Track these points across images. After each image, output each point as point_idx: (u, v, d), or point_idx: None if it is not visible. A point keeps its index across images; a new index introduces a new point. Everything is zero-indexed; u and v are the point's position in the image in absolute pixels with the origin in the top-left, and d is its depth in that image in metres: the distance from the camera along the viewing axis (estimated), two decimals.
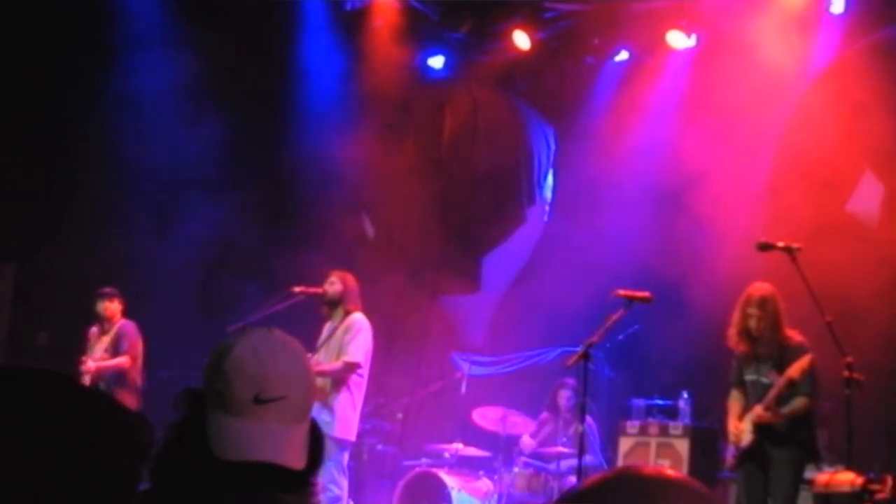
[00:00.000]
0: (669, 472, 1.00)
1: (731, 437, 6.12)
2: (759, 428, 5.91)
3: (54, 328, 10.46)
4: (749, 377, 6.10)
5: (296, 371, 1.80)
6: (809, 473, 6.50)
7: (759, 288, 6.06)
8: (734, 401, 6.20)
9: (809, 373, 5.87)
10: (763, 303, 5.97)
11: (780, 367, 5.90)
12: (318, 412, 6.27)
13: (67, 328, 9.86)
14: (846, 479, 5.62)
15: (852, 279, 7.26)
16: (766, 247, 5.97)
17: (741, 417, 6.06)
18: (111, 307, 8.37)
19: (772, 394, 5.84)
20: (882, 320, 7.37)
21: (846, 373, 5.68)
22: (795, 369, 5.73)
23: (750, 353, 6.07)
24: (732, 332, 6.11)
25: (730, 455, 6.18)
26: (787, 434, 5.92)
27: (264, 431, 1.71)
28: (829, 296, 5.95)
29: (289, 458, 1.72)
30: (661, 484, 0.95)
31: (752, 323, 5.97)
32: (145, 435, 1.01)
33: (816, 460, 6.25)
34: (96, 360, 8.17)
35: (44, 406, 0.95)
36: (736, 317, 6.08)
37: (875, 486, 5.56)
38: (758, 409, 5.89)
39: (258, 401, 1.71)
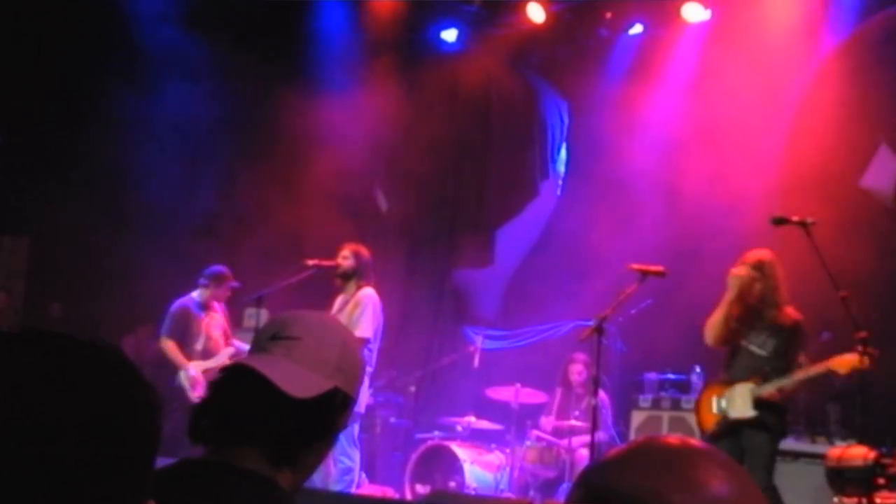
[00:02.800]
0: (694, 441, 1.00)
1: (707, 404, 5.97)
2: (759, 403, 5.74)
3: (67, 299, 10.56)
4: (742, 344, 5.90)
5: (317, 323, 1.92)
6: (821, 448, 6.49)
7: (756, 253, 5.91)
8: (729, 371, 5.98)
9: (799, 346, 5.81)
10: (761, 266, 5.83)
11: (778, 339, 5.77)
12: None
13: (79, 299, 9.94)
14: (859, 453, 5.61)
15: (869, 255, 7.22)
16: (780, 221, 5.89)
17: (726, 385, 5.90)
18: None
19: (789, 382, 5.70)
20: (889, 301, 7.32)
21: (859, 347, 5.63)
22: (843, 365, 5.54)
23: (744, 321, 5.88)
24: (729, 301, 5.87)
25: (706, 423, 6.00)
26: (769, 409, 5.78)
27: (267, 357, 1.83)
28: (845, 272, 5.89)
29: (286, 381, 1.76)
30: (687, 452, 0.94)
31: (748, 289, 5.80)
32: (154, 394, 1.02)
33: (785, 434, 6.12)
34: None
35: (65, 361, 0.96)
36: (733, 284, 5.85)
37: (887, 461, 5.54)
38: (767, 388, 5.72)
39: (274, 338, 1.85)
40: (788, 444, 6.65)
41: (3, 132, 9.91)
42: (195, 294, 8.04)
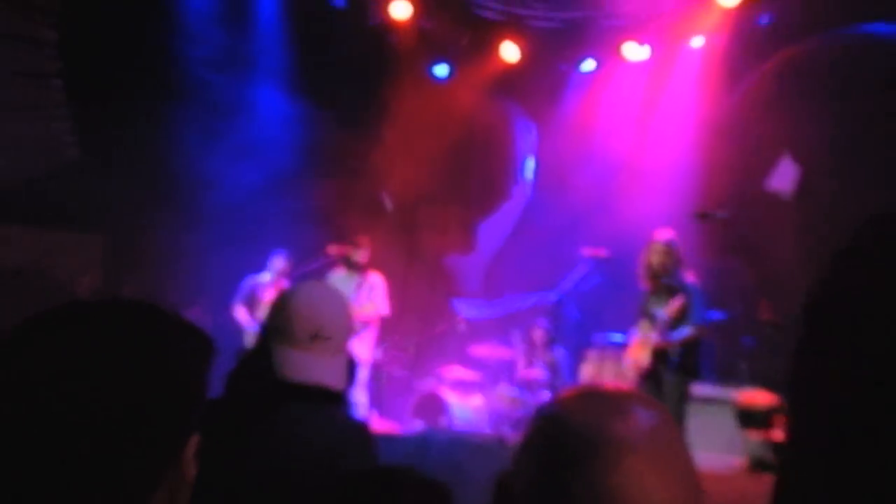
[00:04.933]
0: (625, 387, 0.99)
1: (633, 360, 5.89)
2: (656, 353, 5.72)
3: (137, 283, 10.45)
4: (651, 309, 5.84)
5: (341, 315, 1.85)
6: (730, 393, 6.44)
7: (661, 233, 5.82)
8: (641, 328, 5.93)
9: (697, 306, 5.69)
10: (664, 249, 5.73)
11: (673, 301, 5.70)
12: None
13: (147, 282, 9.83)
14: (762, 397, 5.56)
15: (774, 242, 7.18)
16: (703, 216, 5.86)
17: (646, 343, 5.85)
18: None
19: (661, 327, 5.63)
20: (797, 276, 7.28)
21: (765, 315, 5.59)
22: (671, 309, 5.53)
23: (653, 289, 5.82)
24: (641, 272, 5.86)
25: (631, 373, 5.93)
26: (676, 358, 5.69)
27: (318, 361, 1.76)
28: (753, 256, 5.85)
29: (334, 380, 1.78)
30: (619, 395, 0.94)
31: (655, 261, 5.74)
32: (209, 344, 1.01)
33: (696, 378, 6.04)
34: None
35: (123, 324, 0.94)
36: (643, 258, 5.84)
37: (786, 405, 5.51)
38: (653, 338, 5.68)
39: (315, 337, 1.77)
40: (705, 390, 6.60)
41: (78, 140, 9.71)
42: (264, 273, 8.00)
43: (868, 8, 7.62)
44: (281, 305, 1.85)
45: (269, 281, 7.94)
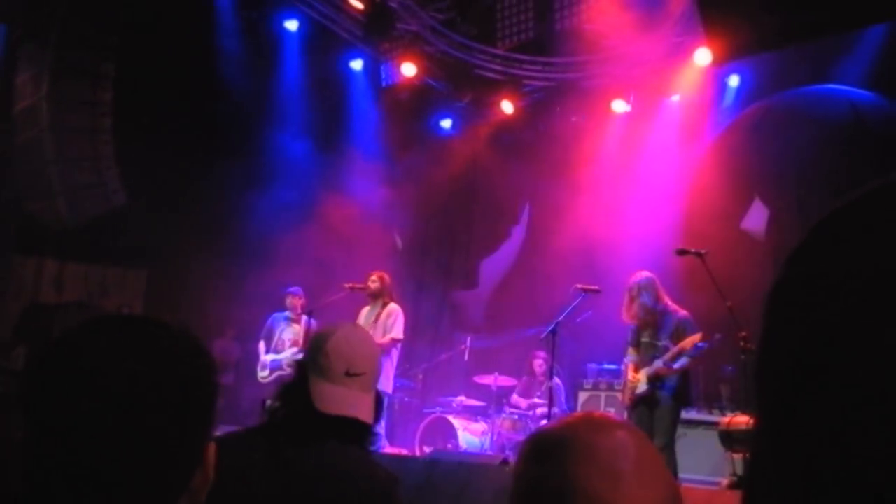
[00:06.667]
0: (613, 415, 1.00)
1: (629, 384, 5.79)
2: (653, 380, 5.64)
3: (175, 315, 10.43)
4: (644, 340, 5.74)
5: (372, 355, 1.88)
6: (716, 417, 6.37)
7: (639, 275, 5.76)
8: (631, 356, 5.86)
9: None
10: (644, 286, 5.67)
11: (668, 331, 5.61)
12: None
13: (182, 313, 9.81)
14: (743, 420, 5.51)
15: (748, 277, 7.15)
16: (682, 252, 5.81)
17: (638, 369, 5.77)
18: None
19: (668, 355, 5.53)
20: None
21: (742, 343, 5.55)
22: (688, 342, 5.45)
23: (643, 322, 5.74)
24: (626, 309, 5.76)
25: (626, 399, 5.85)
26: (672, 385, 5.61)
27: (352, 395, 1.78)
28: (730, 289, 5.81)
29: (365, 415, 1.79)
30: (606, 421, 0.94)
31: (638, 298, 5.64)
32: (212, 361, 0.99)
33: (689, 405, 5.99)
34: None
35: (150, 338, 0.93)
36: (627, 298, 5.76)
37: None
38: (656, 365, 5.58)
39: (349, 374, 1.79)
40: (691, 415, 6.53)
41: (125, 186, 9.78)
42: (285, 311, 7.96)
43: (824, 70, 7.74)
44: (319, 343, 1.85)
45: (286, 316, 7.92)
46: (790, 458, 0.46)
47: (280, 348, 7.83)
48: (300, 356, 2.38)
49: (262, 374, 7.65)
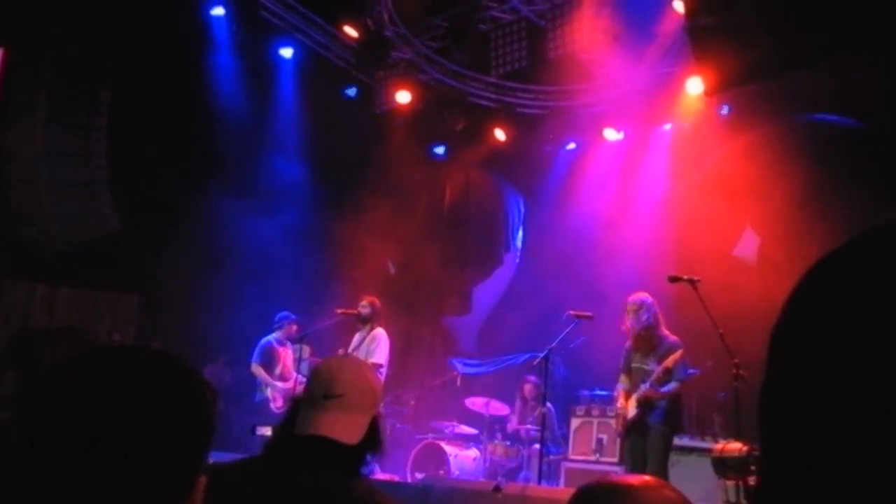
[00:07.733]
0: (660, 479, 1.03)
1: (620, 411, 5.79)
2: (642, 404, 5.66)
3: (165, 338, 10.35)
4: (634, 365, 5.76)
5: (355, 379, 1.84)
6: (709, 444, 6.33)
7: (642, 294, 5.81)
8: (623, 383, 5.87)
9: (681, 364, 5.66)
10: (640, 307, 5.74)
11: (659, 357, 5.63)
12: None
13: (174, 338, 9.74)
14: (736, 447, 5.48)
15: (739, 304, 7.17)
16: (674, 279, 5.82)
17: (629, 396, 5.77)
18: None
19: (653, 378, 5.56)
20: (761, 334, 7.21)
21: (734, 370, 5.54)
22: (670, 360, 5.51)
23: (635, 347, 5.77)
24: (625, 329, 5.80)
25: (619, 426, 5.84)
26: (662, 410, 5.62)
27: (328, 417, 1.76)
28: (722, 316, 5.81)
29: (341, 434, 1.75)
30: (656, 482, 1.00)
31: (635, 319, 5.69)
32: (211, 391, 0.98)
33: (681, 431, 5.98)
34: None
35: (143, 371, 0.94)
36: (626, 311, 5.79)
37: (758, 452, 5.40)
38: (643, 389, 5.60)
39: (326, 396, 1.78)
40: (684, 441, 6.48)
41: (117, 211, 9.77)
42: (274, 334, 7.91)
43: (812, 100, 7.84)
44: (310, 373, 1.91)
45: (281, 340, 7.88)
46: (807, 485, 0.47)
47: (286, 375, 7.80)
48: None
49: (276, 406, 7.56)
